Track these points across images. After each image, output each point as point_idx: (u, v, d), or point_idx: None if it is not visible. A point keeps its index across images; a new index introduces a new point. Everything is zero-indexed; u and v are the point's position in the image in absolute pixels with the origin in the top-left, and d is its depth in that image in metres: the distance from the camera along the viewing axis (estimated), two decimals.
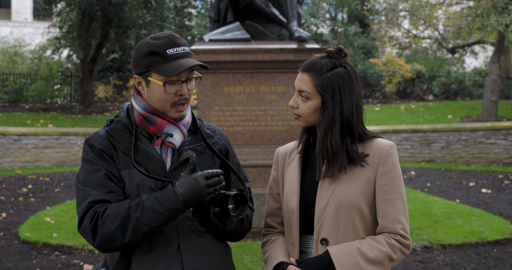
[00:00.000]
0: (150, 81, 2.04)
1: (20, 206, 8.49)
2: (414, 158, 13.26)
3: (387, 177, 2.05)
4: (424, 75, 21.30)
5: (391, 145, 2.08)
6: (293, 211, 2.11)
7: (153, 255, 2.01)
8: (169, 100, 2.04)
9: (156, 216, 1.91)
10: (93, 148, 2.05)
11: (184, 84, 2.04)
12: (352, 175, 2.05)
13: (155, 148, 2.07)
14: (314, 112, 2.08)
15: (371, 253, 1.97)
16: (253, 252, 5.72)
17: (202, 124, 2.21)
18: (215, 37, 7.08)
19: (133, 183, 2.02)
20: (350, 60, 2.13)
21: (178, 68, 1.99)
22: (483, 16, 15.23)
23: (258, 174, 6.50)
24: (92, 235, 1.97)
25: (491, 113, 15.28)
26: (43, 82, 18.06)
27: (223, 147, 2.21)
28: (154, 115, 2.06)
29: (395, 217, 2.03)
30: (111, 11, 17.90)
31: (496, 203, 8.58)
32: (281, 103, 6.69)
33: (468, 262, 5.75)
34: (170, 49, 2.02)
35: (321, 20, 29.14)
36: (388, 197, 2.04)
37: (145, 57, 2.03)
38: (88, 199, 1.98)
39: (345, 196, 2.03)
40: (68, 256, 5.95)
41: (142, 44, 2.06)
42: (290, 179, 2.17)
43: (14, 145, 12.71)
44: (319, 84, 2.05)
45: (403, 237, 2.02)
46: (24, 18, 31.69)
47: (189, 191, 1.91)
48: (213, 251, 2.08)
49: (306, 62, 2.11)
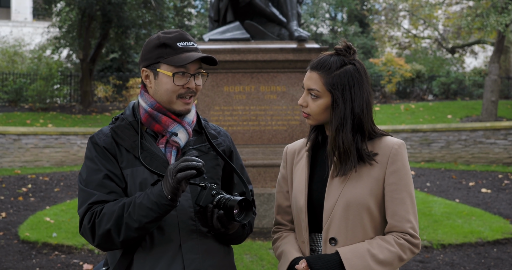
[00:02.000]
0: (158, 72, 2.04)
1: (20, 206, 8.49)
2: (414, 158, 13.26)
3: (396, 176, 2.03)
4: (424, 75, 21.30)
5: (400, 143, 2.07)
6: (302, 209, 2.10)
7: (155, 254, 2.01)
8: (176, 91, 2.04)
9: (145, 211, 1.91)
10: (96, 146, 2.06)
11: (192, 78, 2.05)
12: (361, 174, 2.04)
13: (160, 146, 2.07)
14: (324, 111, 2.06)
15: (381, 254, 1.96)
16: (253, 252, 5.71)
17: (208, 125, 2.21)
18: (214, 37, 7.08)
19: (136, 182, 2.02)
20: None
21: (188, 58, 2.01)
22: (483, 16, 15.23)
23: (257, 174, 6.50)
24: (91, 235, 1.98)
25: (491, 113, 15.28)
26: (43, 82, 18.06)
27: (227, 148, 2.20)
28: (160, 113, 2.06)
29: (404, 216, 2.02)
30: (110, 10, 17.89)
31: (496, 203, 8.58)
32: (281, 103, 6.69)
33: (468, 262, 5.75)
34: (180, 42, 2.04)
35: (321, 20, 29.15)
36: (397, 196, 2.03)
37: (155, 49, 2.05)
38: (89, 200, 1.99)
39: (353, 195, 2.02)
40: (68, 256, 5.95)
41: (153, 38, 2.08)
42: (298, 177, 2.16)
43: (14, 144, 12.70)
44: (329, 82, 2.03)
45: (412, 236, 2.01)
46: (23, 18, 31.69)
47: (165, 180, 1.90)
48: (215, 251, 2.07)
49: (315, 60, 2.09)
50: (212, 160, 2.12)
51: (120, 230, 1.93)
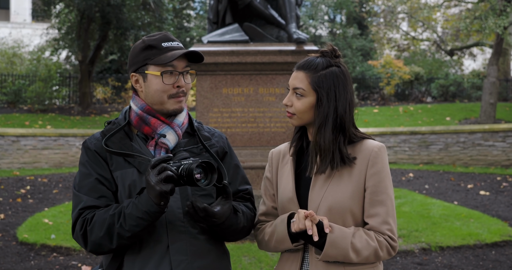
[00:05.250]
0: (147, 75, 2.07)
1: (18, 207, 8.48)
2: (413, 160, 13.26)
3: (376, 179, 2.06)
4: (422, 77, 21.32)
5: (380, 146, 2.09)
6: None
7: (144, 255, 2.02)
8: (166, 91, 2.06)
9: (136, 221, 1.93)
10: (88, 151, 2.10)
11: (181, 75, 2.07)
12: (342, 176, 2.07)
13: (149, 149, 2.09)
14: (308, 110, 2.09)
15: (359, 243, 1.99)
16: (251, 254, 5.71)
17: (201, 127, 2.23)
18: (213, 39, 7.08)
19: (125, 184, 2.04)
20: (348, 62, 2.16)
21: (174, 55, 2.03)
22: (481, 19, 15.26)
23: (256, 176, 6.50)
24: (83, 241, 2.02)
25: (490, 115, 15.30)
26: (42, 83, 18.05)
27: (221, 149, 2.21)
28: (149, 115, 2.09)
29: (383, 219, 2.04)
30: (110, 12, 17.90)
31: (494, 205, 8.59)
32: (280, 105, 6.70)
33: (466, 264, 5.75)
34: (165, 43, 2.08)
35: (320, 22, 29.18)
36: (376, 198, 2.05)
37: (141, 52, 2.08)
38: (80, 205, 2.03)
39: (335, 200, 2.05)
40: (66, 258, 5.94)
41: (137, 43, 2.12)
42: (284, 183, 2.18)
43: (13, 146, 12.70)
44: (315, 81, 2.08)
45: (390, 238, 2.04)
46: (23, 19, 31.68)
47: (150, 193, 1.90)
48: (204, 253, 2.07)
49: (301, 61, 2.14)
50: None
51: (112, 239, 1.97)
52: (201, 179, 1.89)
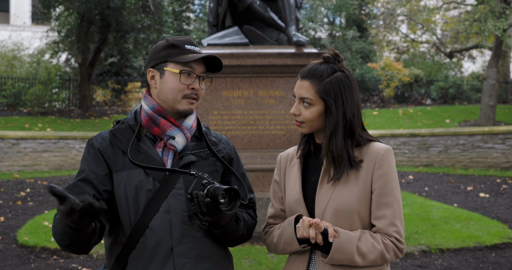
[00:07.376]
0: (165, 71, 2.09)
1: (18, 210, 8.49)
2: (412, 162, 13.27)
3: (382, 181, 2.06)
4: (422, 79, 21.35)
5: (386, 148, 2.11)
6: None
7: (147, 258, 2.02)
8: (181, 91, 2.08)
9: (64, 235, 1.93)
10: (90, 148, 2.11)
11: (197, 79, 2.10)
12: (349, 179, 2.07)
13: (157, 150, 2.09)
14: (317, 118, 2.10)
15: (365, 247, 2.00)
16: (251, 257, 5.71)
17: (209, 132, 2.24)
18: (213, 42, 7.09)
19: (131, 184, 2.04)
20: (348, 65, 2.16)
21: (195, 56, 2.08)
22: (480, 21, 15.29)
23: (256, 179, 6.50)
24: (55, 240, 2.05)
25: (489, 118, 15.31)
26: (42, 86, 18.07)
27: (227, 155, 2.22)
28: (160, 116, 2.10)
29: (390, 221, 2.05)
30: (109, 15, 17.92)
31: (494, 207, 8.59)
32: (279, 108, 6.70)
33: (466, 267, 5.76)
34: (188, 45, 2.12)
35: (319, 25, 29.23)
36: (383, 200, 2.06)
37: (163, 50, 2.12)
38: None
39: (342, 202, 2.05)
40: (66, 260, 5.95)
41: (161, 42, 2.17)
42: (291, 186, 2.19)
43: (12, 149, 12.70)
44: (321, 89, 2.08)
45: (397, 240, 2.04)
46: (22, 22, 31.73)
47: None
48: (208, 256, 2.07)
49: (305, 69, 2.14)
50: (210, 166, 2.14)
51: (64, 240, 1.96)
52: (225, 204, 1.94)
